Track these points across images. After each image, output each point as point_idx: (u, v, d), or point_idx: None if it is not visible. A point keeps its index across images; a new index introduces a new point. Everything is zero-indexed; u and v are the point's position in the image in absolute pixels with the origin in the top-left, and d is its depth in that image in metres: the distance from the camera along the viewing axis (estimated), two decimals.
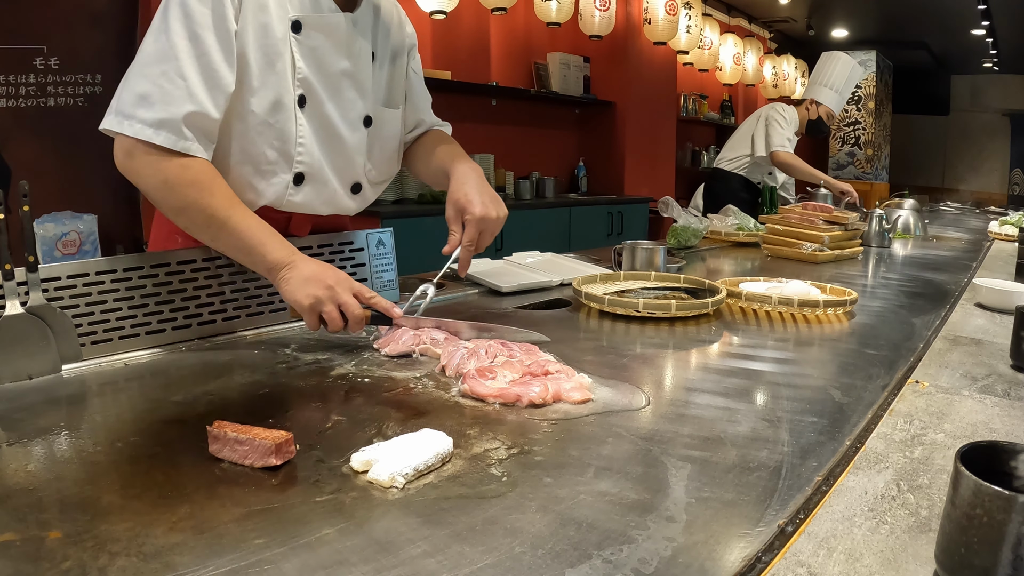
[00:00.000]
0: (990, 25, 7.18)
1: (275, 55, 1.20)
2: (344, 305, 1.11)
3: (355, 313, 1.12)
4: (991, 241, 3.26)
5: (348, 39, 1.30)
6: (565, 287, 1.77)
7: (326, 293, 1.10)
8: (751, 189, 4.25)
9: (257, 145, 1.23)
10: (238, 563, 0.57)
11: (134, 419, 0.89)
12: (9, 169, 3.12)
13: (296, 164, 1.28)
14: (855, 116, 9.44)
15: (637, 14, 5.79)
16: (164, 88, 1.09)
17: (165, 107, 1.09)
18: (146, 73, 1.10)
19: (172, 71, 1.09)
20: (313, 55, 1.25)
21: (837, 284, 1.72)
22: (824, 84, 4.16)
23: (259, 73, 1.19)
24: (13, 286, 1.01)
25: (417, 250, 2.82)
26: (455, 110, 5.11)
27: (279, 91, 1.22)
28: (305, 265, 1.13)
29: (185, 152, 1.11)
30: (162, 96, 1.09)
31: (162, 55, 1.10)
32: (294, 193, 1.30)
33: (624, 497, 0.70)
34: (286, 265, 1.13)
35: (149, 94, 1.09)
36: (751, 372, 1.14)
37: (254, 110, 1.21)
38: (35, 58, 3.25)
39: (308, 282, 1.10)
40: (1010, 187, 10.31)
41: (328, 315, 1.11)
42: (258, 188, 1.27)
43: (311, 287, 1.10)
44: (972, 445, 0.57)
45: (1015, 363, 1.17)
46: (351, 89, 1.33)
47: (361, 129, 1.38)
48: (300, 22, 1.22)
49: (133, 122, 1.08)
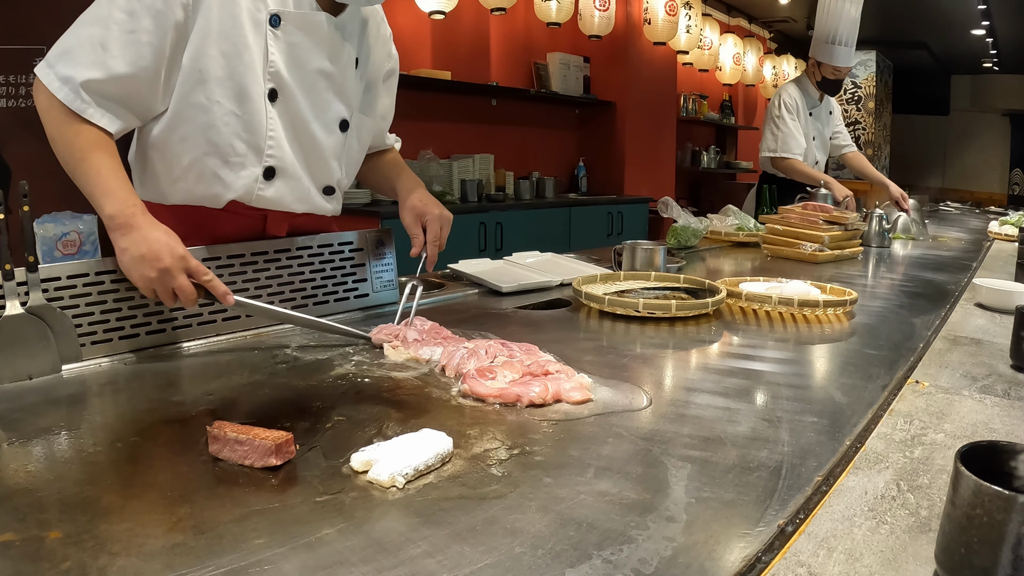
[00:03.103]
0: (990, 25, 7.18)
1: (243, 46, 1.21)
2: (178, 288, 1.08)
3: (188, 297, 1.09)
4: (991, 241, 3.26)
5: (330, 40, 1.30)
6: (565, 287, 1.77)
7: (158, 275, 1.07)
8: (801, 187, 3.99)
9: (224, 136, 1.24)
10: (238, 563, 0.57)
11: (134, 419, 0.89)
12: (9, 169, 3.12)
13: (266, 158, 1.28)
14: (855, 116, 9.44)
15: (637, 14, 5.78)
16: (85, 50, 1.12)
17: (76, 67, 1.11)
18: (77, 31, 1.14)
19: (97, 38, 1.12)
20: (291, 51, 1.26)
21: (837, 284, 1.71)
22: (821, 39, 3.71)
23: (225, 63, 1.20)
24: (13, 286, 1.01)
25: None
26: (455, 110, 5.11)
27: (245, 82, 1.22)
28: (142, 237, 1.08)
29: (80, 112, 1.12)
30: (81, 56, 1.12)
31: (96, 19, 1.13)
32: (264, 188, 1.30)
33: (624, 497, 0.70)
34: (122, 226, 1.09)
35: (71, 50, 1.12)
36: (751, 372, 1.14)
37: (219, 100, 1.22)
38: (35, 58, 3.23)
39: (142, 260, 1.07)
40: (1010, 187, 10.30)
41: (161, 295, 1.09)
42: (226, 180, 1.27)
43: (144, 267, 1.07)
44: (972, 445, 0.57)
45: (1015, 363, 1.17)
46: (329, 91, 1.33)
47: (337, 132, 1.38)
48: (279, 16, 1.23)
49: (50, 72, 1.12)
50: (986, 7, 6.53)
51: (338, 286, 1.46)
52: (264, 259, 1.34)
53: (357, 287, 1.49)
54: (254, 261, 1.32)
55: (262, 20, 1.22)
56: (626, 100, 5.94)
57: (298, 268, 1.39)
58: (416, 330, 1.21)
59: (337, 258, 1.46)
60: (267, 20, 1.23)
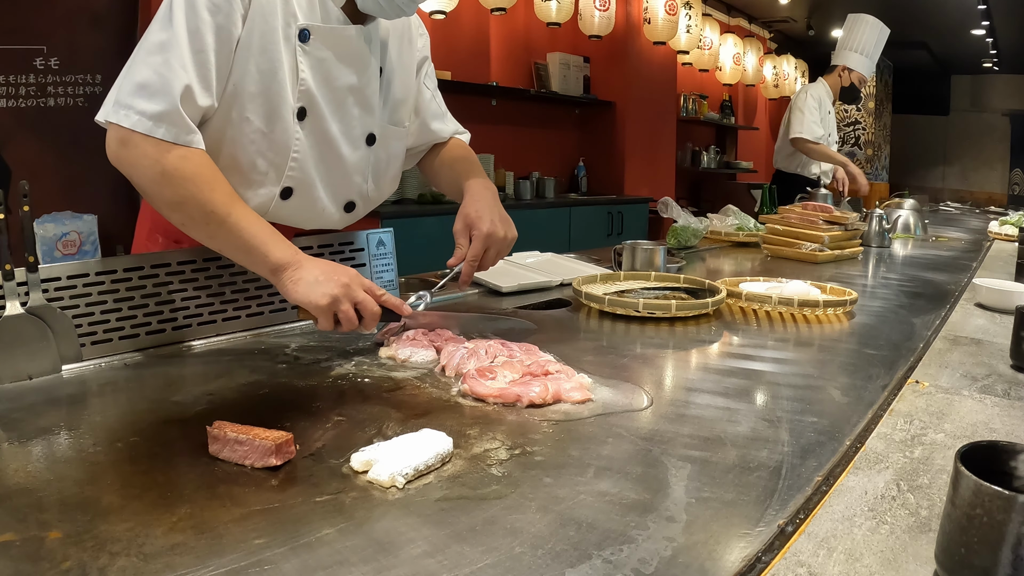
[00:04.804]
0: (990, 25, 7.18)
1: (278, 63, 1.16)
2: (360, 303, 1.08)
3: (372, 311, 1.08)
4: (991, 241, 3.26)
5: (357, 53, 1.25)
6: (565, 287, 1.77)
7: (342, 291, 1.06)
8: (814, 185, 4.15)
9: (248, 154, 1.20)
10: (238, 563, 0.57)
11: (134, 419, 0.89)
12: (9, 169, 3.12)
13: (286, 178, 1.24)
14: (855, 116, 9.44)
15: (637, 14, 5.79)
16: (164, 77, 1.05)
17: (165, 96, 1.05)
18: (148, 62, 1.06)
19: (174, 60, 1.06)
20: (320, 67, 1.21)
21: (837, 284, 1.72)
22: (853, 49, 4.09)
23: (260, 79, 1.16)
24: (13, 286, 1.01)
25: (417, 250, 2.82)
26: (455, 110, 5.04)
27: (277, 101, 1.18)
28: (312, 265, 1.09)
29: (187, 144, 1.07)
30: (162, 85, 1.05)
31: (163, 46, 1.07)
32: (280, 207, 1.27)
33: (624, 497, 0.70)
34: (291, 266, 1.09)
35: (149, 83, 1.05)
36: (751, 372, 1.14)
37: (249, 117, 1.17)
38: (35, 58, 3.25)
39: (321, 282, 1.06)
40: (1010, 187, 10.30)
41: (344, 314, 1.07)
42: (243, 197, 1.22)
43: (326, 286, 1.06)
44: (972, 445, 0.57)
45: (1015, 363, 1.17)
46: (356, 105, 1.29)
47: (363, 147, 1.34)
48: (308, 31, 1.18)
49: (131, 112, 1.04)
50: (986, 7, 6.53)
51: None
52: None
53: None
54: None
55: (292, 35, 1.17)
56: (626, 100, 5.94)
57: None
58: (412, 330, 1.21)
59: (337, 258, 1.46)
60: (296, 35, 1.17)
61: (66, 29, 3.30)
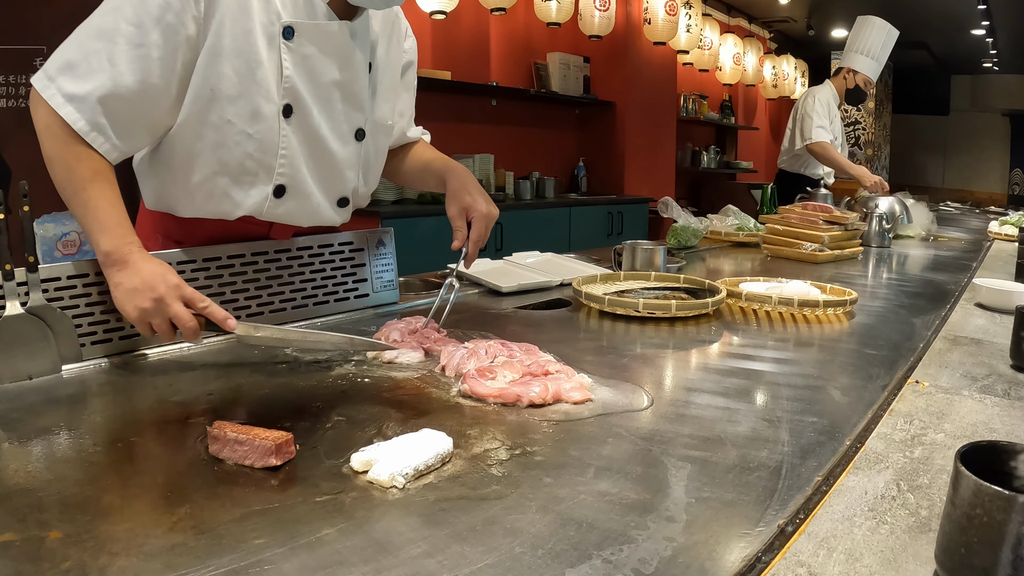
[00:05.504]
0: (990, 25, 7.18)
1: (255, 63, 1.15)
2: (175, 317, 1.05)
3: (188, 326, 1.06)
4: (991, 241, 3.26)
5: (344, 49, 1.25)
6: (565, 287, 1.77)
7: (153, 306, 1.04)
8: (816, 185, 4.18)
9: (235, 155, 1.20)
10: (238, 563, 0.57)
11: (134, 419, 0.89)
12: (9, 169, 3.12)
13: (277, 176, 1.24)
14: (855, 116, 9.43)
15: (637, 14, 5.78)
16: (92, 66, 1.07)
17: (85, 83, 1.06)
18: (84, 44, 1.08)
19: (104, 53, 1.07)
20: (304, 63, 1.20)
21: (837, 284, 1.71)
22: (860, 51, 4.06)
23: (238, 81, 1.15)
24: (13, 286, 1.01)
25: (417, 250, 2.82)
26: (455, 110, 5.11)
27: (258, 101, 1.17)
28: (136, 268, 1.06)
29: (83, 136, 1.08)
30: (86, 72, 1.07)
31: (103, 33, 1.08)
32: (275, 205, 1.27)
33: (624, 497, 0.70)
34: (116, 263, 1.06)
35: (76, 64, 1.07)
36: (751, 372, 1.14)
37: (231, 119, 1.16)
38: (35, 58, 3.25)
39: (137, 291, 1.04)
40: (1010, 187, 10.30)
41: (158, 328, 1.06)
42: (236, 199, 1.24)
43: (138, 298, 1.04)
44: (972, 445, 0.57)
45: (1015, 363, 1.17)
46: (343, 101, 1.29)
47: (352, 142, 1.34)
48: (292, 28, 1.17)
49: (50, 85, 1.07)
50: (986, 7, 6.52)
51: (338, 286, 1.46)
52: (264, 259, 1.34)
53: (357, 287, 1.49)
54: (254, 261, 1.32)
55: (275, 33, 1.17)
56: (626, 100, 5.94)
57: (298, 268, 1.39)
58: (399, 331, 1.21)
59: (337, 258, 1.46)
60: (280, 33, 1.17)
61: (66, 29, 3.28)
